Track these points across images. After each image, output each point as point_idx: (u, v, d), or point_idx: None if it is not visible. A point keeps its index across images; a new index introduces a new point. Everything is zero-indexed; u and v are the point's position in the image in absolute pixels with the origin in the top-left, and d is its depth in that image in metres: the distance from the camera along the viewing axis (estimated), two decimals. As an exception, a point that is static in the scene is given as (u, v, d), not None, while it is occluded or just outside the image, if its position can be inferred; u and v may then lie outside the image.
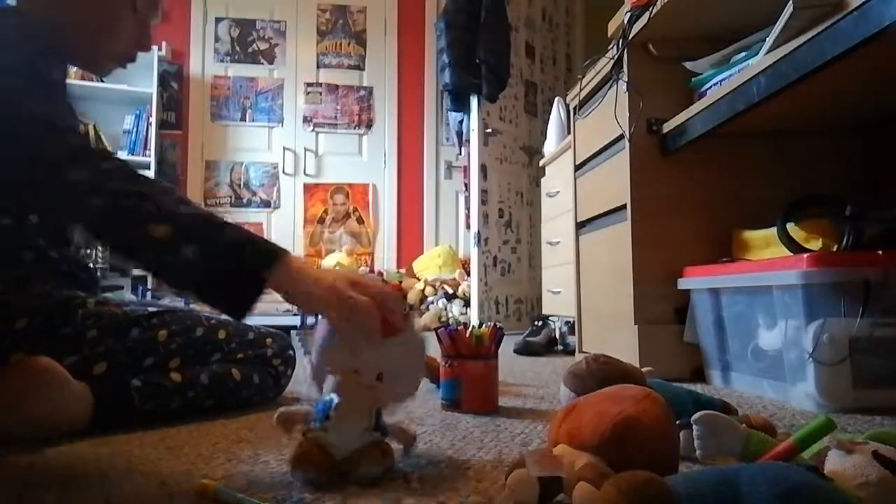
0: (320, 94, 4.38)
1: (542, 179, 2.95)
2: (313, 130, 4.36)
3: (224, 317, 0.80)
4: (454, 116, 3.49)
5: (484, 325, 1.14)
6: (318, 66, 4.40)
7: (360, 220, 4.38)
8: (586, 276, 2.00)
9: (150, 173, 3.72)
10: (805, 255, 1.14)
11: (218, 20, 4.30)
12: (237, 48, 4.31)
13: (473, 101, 3.26)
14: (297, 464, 0.66)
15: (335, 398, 0.70)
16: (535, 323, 2.46)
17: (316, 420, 0.70)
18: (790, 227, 1.30)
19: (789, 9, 1.02)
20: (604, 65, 1.79)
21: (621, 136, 1.67)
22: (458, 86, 3.18)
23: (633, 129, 1.61)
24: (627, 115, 1.62)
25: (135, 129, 3.88)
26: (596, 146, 1.88)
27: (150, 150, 3.88)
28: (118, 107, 3.89)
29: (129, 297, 3.39)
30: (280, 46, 4.37)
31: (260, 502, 0.60)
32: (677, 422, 0.65)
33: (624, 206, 1.65)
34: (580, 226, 2.05)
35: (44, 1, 0.97)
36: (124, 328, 1.00)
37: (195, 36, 4.23)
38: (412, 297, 4.00)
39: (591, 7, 4.02)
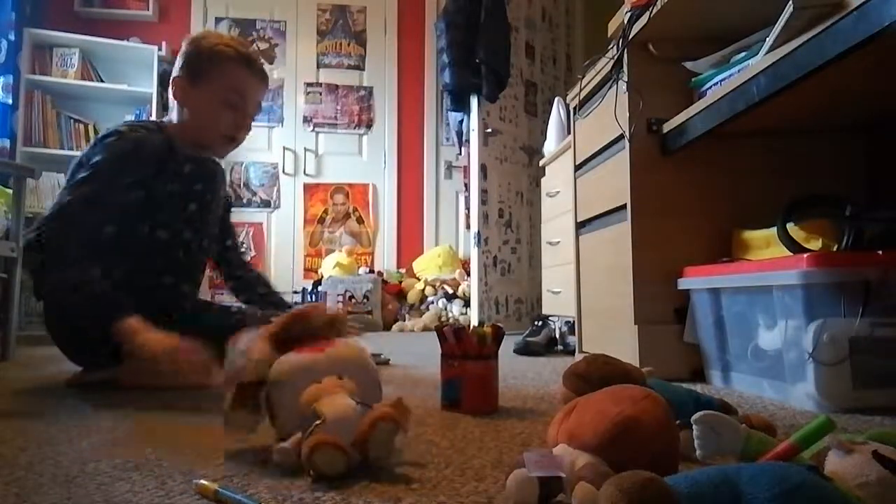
0: (320, 94, 4.39)
1: (542, 179, 2.95)
2: (313, 130, 4.36)
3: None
4: (454, 116, 3.49)
5: (484, 325, 1.15)
6: (318, 66, 4.40)
7: (360, 220, 4.38)
8: (586, 276, 2.00)
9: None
10: (805, 255, 1.14)
11: (218, 20, 4.30)
12: (237, 48, 4.31)
13: (473, 101, 3.26)
14: (312, 451, 0.66)
15: (316, 407, 0.71)
16: (535, 323, 2.46)
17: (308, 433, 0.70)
18: (790, 227, 1.29)
19: (789, 9, 1.02)
20: (604, 65, 1.79)
21: (621, 136, 1.67)
22: (458, 86, 3.18)
23: (633, 129, 1.61)
24: (627, 115, 1.62)
25: (135, 129, 3.88)
26: (596, 146, 1.88)
27: (150, 150, 3.88)
28: (118, 107, 3.90)
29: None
30: (280, 46, 4.37)
31: (260, 502, 0.60)
32: (677, 422, 0.65)
33: (624, 206, 1.65)
34: (580, 226, 2.05)
35: (175, 118, 1.48)
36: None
37: (195, 36, 4.24)
38: (412, 297, 4.01)
39: (591, 7, 4.02)
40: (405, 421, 0.74)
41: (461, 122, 3.44)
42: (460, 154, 3.93)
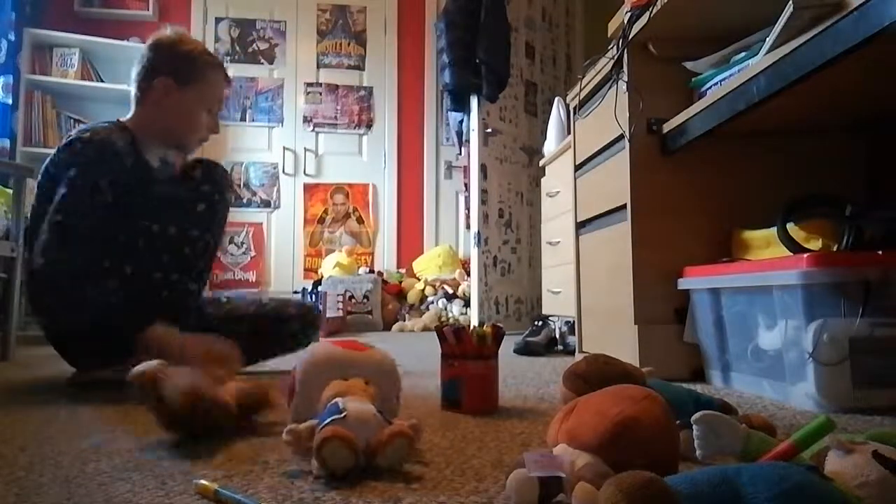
0: (320, 94, 4.38)
1: (542, 179, 2.95)
2: (313, 130, 4.36)
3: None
4: (454, 116, 3.49)
5: (484, 325, 1.15)
6: (318, 66, 4.40)
7: (360, 220, 4.38)
8: (586, 276, 2.00)
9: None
10: (805, 255, 1.14)
11: (218, 20, 4.30)
12: (237, 48, 4.31)
13: (473, 101, 3.26)
14: (325, 441, 0.65)
15: (340, 401, 0.72)
16: (535, 323, 2.46)
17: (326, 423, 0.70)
18: (790, 227, 1.29)
19: (789, 9, 1.02)
20: (604, 65, 1.79)
21: (621, 136, 1.67)
22: (458, 86, 3.18)
23: (633, 129, 1.61)
24: (627, 115, 1.62)
25: (135, 129, 3.88)
26: (596, 146, 1.88)
27: (150, 150, 3.88)
28: (118, 107, 3.87)
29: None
30: (280, 46, 4.37)
31: (260, 502, 0.60)
32: (677, 422, 0.65)
33: (624, 206, 1.65)
34: (580, 226, 2.05)
35: (148, 117, 1.53)
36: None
37: (195, 36, 4.22)
38: (412, 297, 4.01)
39: (591, 7, 4.02)
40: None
41: (461, 122, 3.43)
42: (460, 154, 3.93)
